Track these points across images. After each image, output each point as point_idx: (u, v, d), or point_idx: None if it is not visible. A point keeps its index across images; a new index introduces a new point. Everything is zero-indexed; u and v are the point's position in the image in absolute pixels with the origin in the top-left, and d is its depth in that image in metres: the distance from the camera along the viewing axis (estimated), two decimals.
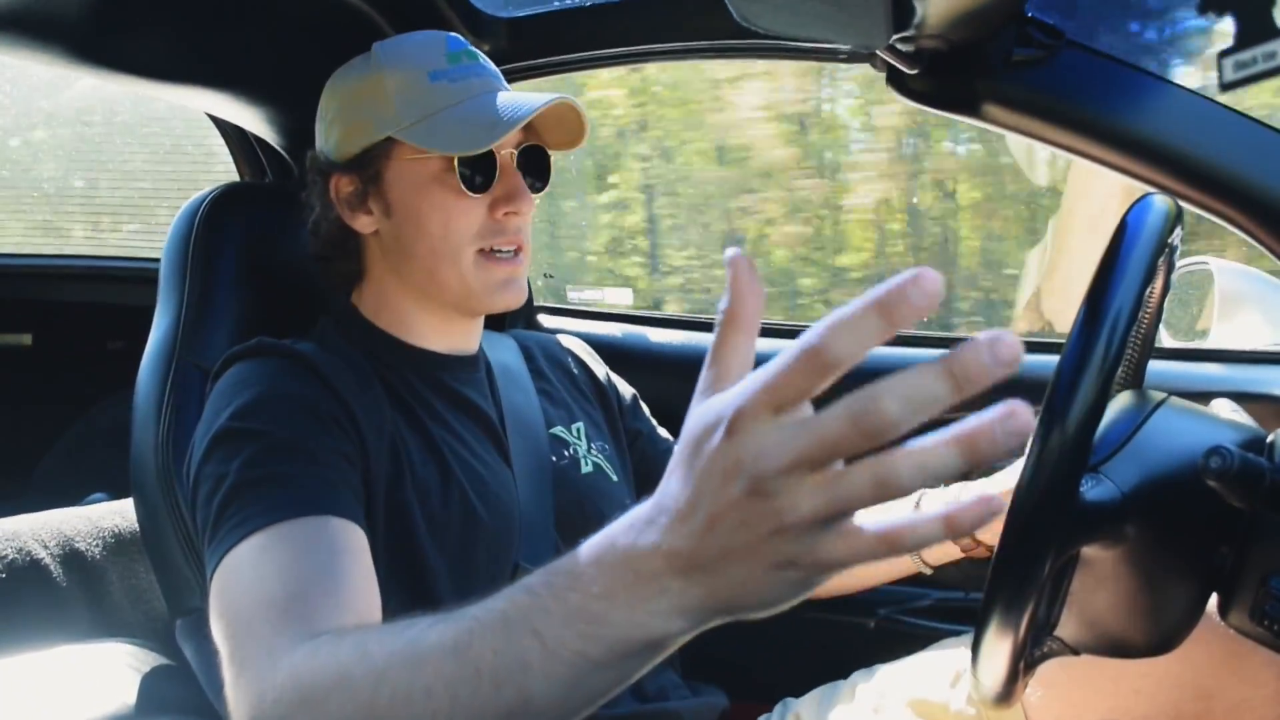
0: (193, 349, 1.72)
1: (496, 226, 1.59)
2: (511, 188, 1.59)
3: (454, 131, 1.56)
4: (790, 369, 0.74)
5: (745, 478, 0.74)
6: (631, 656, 0.85)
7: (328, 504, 1.34)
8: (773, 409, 0.74)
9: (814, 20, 1.41)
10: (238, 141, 2.42)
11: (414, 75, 1.60)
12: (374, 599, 1.30)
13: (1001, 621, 1.10)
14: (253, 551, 1.28)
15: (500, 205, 1.59)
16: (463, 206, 1.58)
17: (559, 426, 1.78)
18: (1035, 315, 3.80)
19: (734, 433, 0.75)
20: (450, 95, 1.58)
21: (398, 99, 1.59)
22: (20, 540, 2.13)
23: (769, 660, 1.96)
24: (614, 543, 0.84)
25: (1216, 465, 1.09)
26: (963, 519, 0.72)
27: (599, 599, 0.83)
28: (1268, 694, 1.42)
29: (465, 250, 1.59)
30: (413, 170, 1.60)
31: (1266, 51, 0.93)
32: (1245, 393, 1.78)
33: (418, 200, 1.60)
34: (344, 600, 1.24)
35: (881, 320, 0.69)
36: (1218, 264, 2.25)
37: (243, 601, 1.23)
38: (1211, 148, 1.41)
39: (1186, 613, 1.19)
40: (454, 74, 1.60)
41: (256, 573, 1.26)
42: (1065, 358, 1.10)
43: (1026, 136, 1.53)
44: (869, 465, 0.72)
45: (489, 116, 1.55)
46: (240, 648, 1.18)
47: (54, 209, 4.71)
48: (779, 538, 0.75)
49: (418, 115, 1.58)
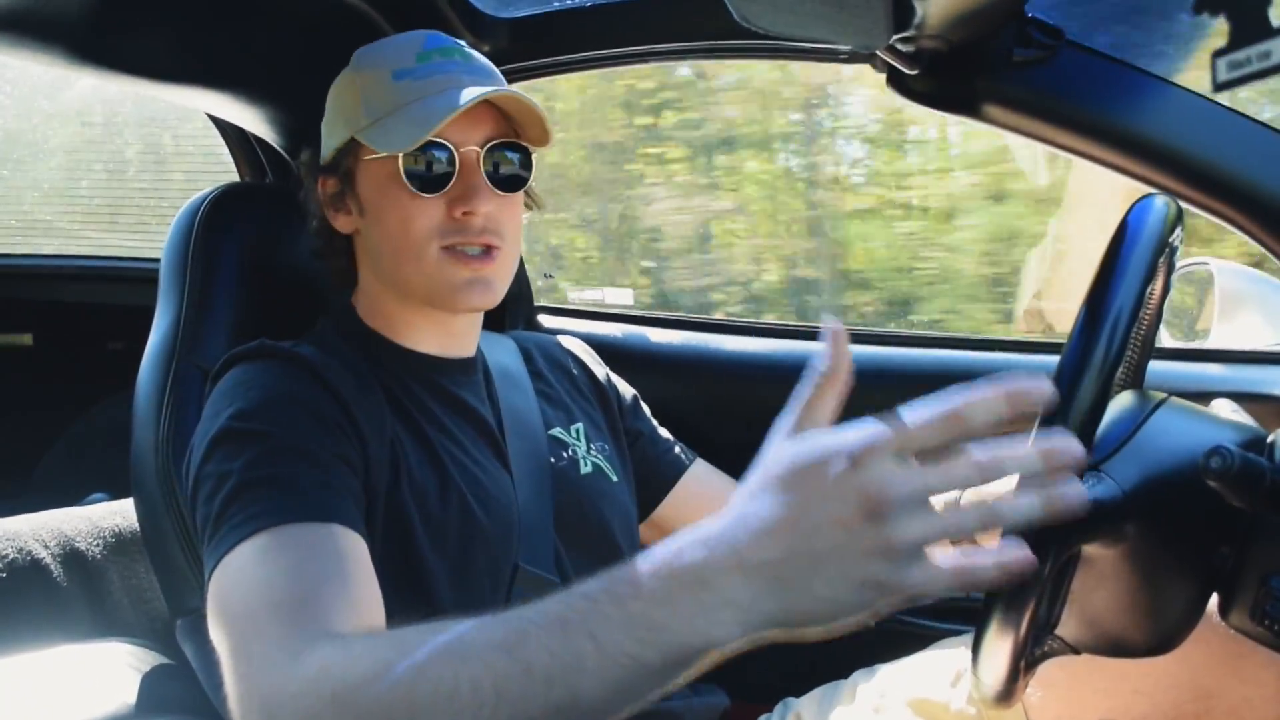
0: (193, 349, 1.72)
1: (456, 226, 1.57)
2: (468, 187, 1.56)
3: (400, 129, 1.55)
4: (928, 423, 0.88)
5: (866, 502, 0.86)
6: (684, 663, 0.92)
7: (331, 511, 1.34)
8: (897, 450, 0.87)
9: (814, 20, 1.41)
10: (238, 142, 2.42)
11: (380, 75, 1.60)
12: (379, 606, 1.30)
13: (1002, 621, 1.10)
14: (257, 551, 1.28)
15: (458, 204, 1.56)
16: (419, 205, 1.56)
17: (558, 428, 1.77)
18: (1036, 316, 3.80)
19: (861, 464, 0.87)
20: (410, 93, 1.57)
21: (363, 100, 1.60)
22: (21, 540, 2.13)
23: (770, 660, 1.95)
24: (681, 554, 0.92)
25: (1217, 465, 1.09)
26: (1014, 569, 0.89)
27: (661, 606, 0.90)
28: (1268, 694, 1.42)
29: (427, 248, 1.57)
30: (375, 170, 1.60)
31: (1261, 51, 0.93)
32: (1245, 393, 1.78)
33: (380, 199, 1.60)
34: (352, 604, 1.25)
35: (1008, 407, 0.87)
36: (1218, 264, 2.25)
37: (249, 600, 1.23)
38: (1212, 148, 1.41)
39: (1187, 612, 1.19)
40: (419, 72, 1.59)
41: (263, 572, 1.26)
42: (1066, 357, 1.10)
43: (1027, 136, 1.53)
44: (978, 505, 0.88)
45: (437, 113, 1.53)
46: (248, 644, 1.18)
47: (54, 209, 4.70)
48: (877, 559, 0.86)
49: (377, 115, 1.58)
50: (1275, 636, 1.12)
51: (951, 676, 1.63)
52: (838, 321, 0.96)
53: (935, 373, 2.07)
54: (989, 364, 2.04)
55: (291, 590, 1.23)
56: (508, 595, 1.55)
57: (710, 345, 2.29)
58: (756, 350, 2.24)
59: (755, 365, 2.23)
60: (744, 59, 4.04)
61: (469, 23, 2.07)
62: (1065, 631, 1.24)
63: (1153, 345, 1.42)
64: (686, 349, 2.31)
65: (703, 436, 2.02)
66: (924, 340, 2.18)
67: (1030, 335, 3.45)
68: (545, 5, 2.11)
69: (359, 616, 1.24)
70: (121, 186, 4.75)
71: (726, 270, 4.70)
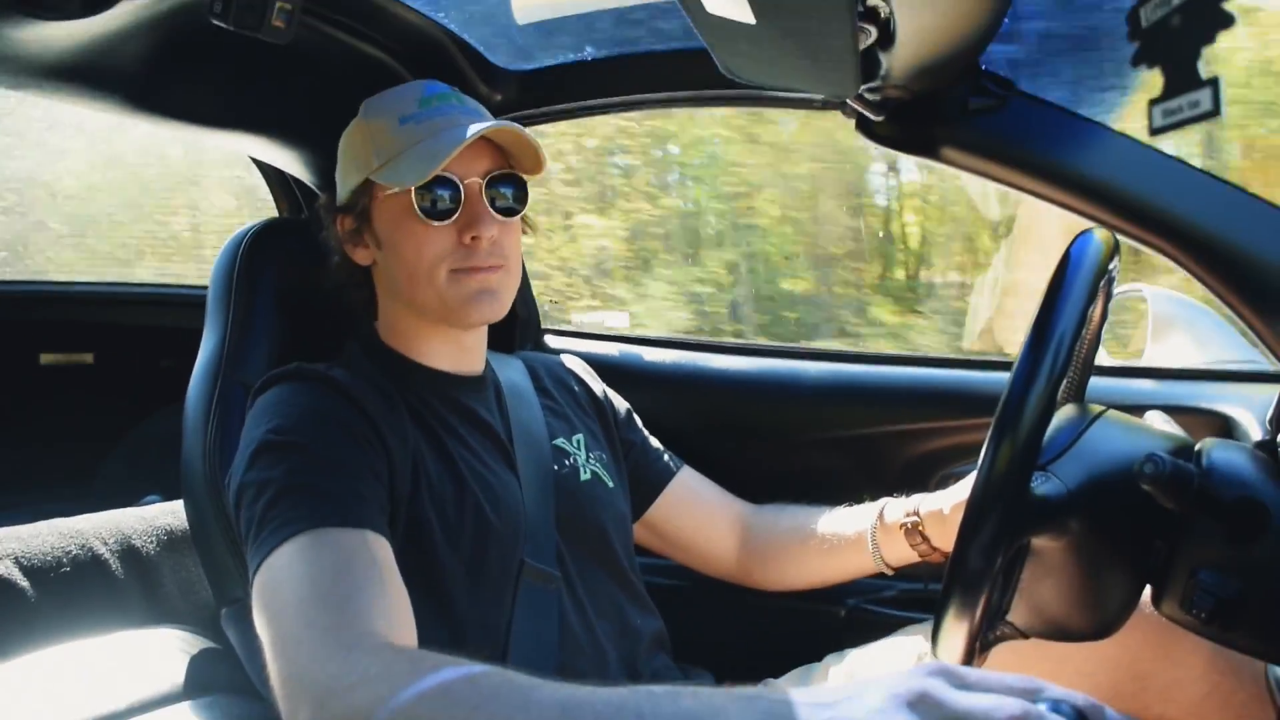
0: (236, 367, 1.72)
1: (465, 251, 1.58)
2: (474, 214, 1.58)
3: (410, 167, 1.56)
4: None
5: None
6: None
7: (363, 518, 1.36)
8: None
9: (791, 72, 1.41)
10: (277, 181, 2.43)
11: (386, 122, 1.62)
12: (409, 603, 1.32)
13: (959, 608, 1.11)
14: (298, 551, 1.29)
15: (465, 231, 1.58)
16: (430, 234, 1.58)
17: (561, 438, 1.78)
18: (989, 339, 3.82)
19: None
20: (415, 135, 1.59)
21: (372, 144, 1.62)
22: (83, 538, 2.14)
23: (751, 645, 1.96)
24: (761, 693, 0.94)
25: (1151, 471, 1.09)
26: None
27: (713, 711, 0.92)
28: (1195, 674, 1.43)
29: (438, 271, 1.58)
30: (389, 205, 1.61)
31: (1191, 100, 0.94)
32: (1176, 405, 1.78)
33: (395, 232, 1.61)
34: (389, 603, 1.27)
35: None
36: (1151, 290, 2.25)
37: (298, 592, 1.25)
38: (1146, 187, 1.41)
39: (1124, 602, 1.19)
40: (420, 116, 1.61)
41: (306, 570, 1.27)
42: (1015, 374, 1.10)
43: (981, 176, 1.53)
44: None
45: (443, 149, 1.54)
46: (297, 634, 1.20)
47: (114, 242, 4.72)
48: None
49: (386, 157, 1.60)
50: (1202, 624, 1.13)
51: (914, 658, 1.63)
52: None
53: (896, 388, 2.07)
54: (946, 380, 2.04)
55: (335, 588, 1.25)
56: (515, 587, 1.56)
57: (698, 363, 2.29)
58: (740, 368, 2.24)
59: (739, 382, 2.23)
60: (727, 106, 4.04)
61: (483, 75, 2.08)
62: (1015, 618, 1.25)
63: (1093, 363, 1.42)
64: (677, 367, 2.31)
65: (690, 446, 2.02)
66: (887, 359, 2.18)
67: (984, 354, 3.45)
68: (550, 60, 2.11)
69: (396, 611, 1.27)
70: (169, 222, 4.79)
71: None
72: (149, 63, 1.67)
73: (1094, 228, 1.23)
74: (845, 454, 2.09)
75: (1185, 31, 0.93)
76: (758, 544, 1.90)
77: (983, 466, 1.11)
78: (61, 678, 1.71)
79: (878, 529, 1.73)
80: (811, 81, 1.49)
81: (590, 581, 1.67)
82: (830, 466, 2.11)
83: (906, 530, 1.69)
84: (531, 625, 1.55)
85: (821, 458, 2.12)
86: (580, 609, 1.62)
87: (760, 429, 2.18)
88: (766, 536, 1.89)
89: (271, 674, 1.20)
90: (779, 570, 1.88)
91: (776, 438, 2.17)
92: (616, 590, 1.70)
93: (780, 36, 1.18)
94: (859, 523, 1.77)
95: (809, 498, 1.91)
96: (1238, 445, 1.21)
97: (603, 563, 1.70)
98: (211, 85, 1.87)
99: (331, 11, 1.80)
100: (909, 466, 1.89)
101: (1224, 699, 1.42)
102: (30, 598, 1.99)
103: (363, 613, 1.22)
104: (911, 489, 1.78)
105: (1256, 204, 1.39)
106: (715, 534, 1.92)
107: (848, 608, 2.02)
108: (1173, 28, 0.94)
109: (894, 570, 1.75)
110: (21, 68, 1.55)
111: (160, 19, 1.56)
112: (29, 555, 2.04)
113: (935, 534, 1.67)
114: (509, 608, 1.54)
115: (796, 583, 1.88)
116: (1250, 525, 1.11)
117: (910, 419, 2.03)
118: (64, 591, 2.04)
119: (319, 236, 1.74)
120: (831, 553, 1.80)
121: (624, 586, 1.72)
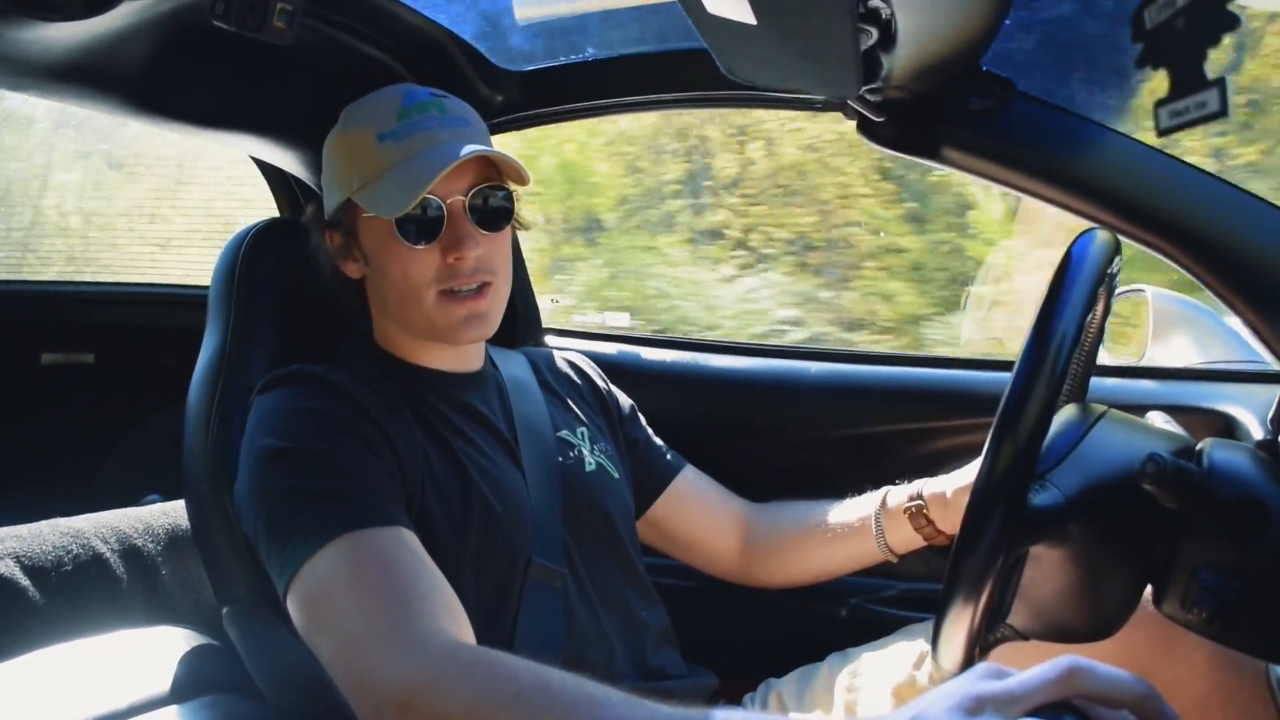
0: (237, 367, 1.72)
1: (450, 270, 1.57)
2: (457, 235, 1.57)
3: (388, 195, 1.55)
4: None
5: None
6: None
7: (391, 516, 1.38)
8: None
9: (792, 74, 1.41)
10: (277, 181, 2.43)
11: (364, 138, 1.60)
12: (455, 595, 1.34)
13: (958, 611, 1.11)
14: (338, 555, 1.31)
15: (449, 251, 1.57)
16: (416, 256, 1.57)
17: (565, 430, 1.78)
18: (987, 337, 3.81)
19: None
20: (393, 155, 1.57)
21: (352, 163, 1.61)
22: (84, 537, 2.13)
23: (754, 644, 1.96)
24: None
25: (1152, 470, 1.09)
26: None
27: None
28: (1198, 672, 1.43)
29: (426, 293, 1.58)
30: (373, 226, 1.60)
31: (1197, 101, 0.93)
32: (1177, 406, 1.78)
33: (380, 252, 1.61)
34: (444, 597, 1.31)
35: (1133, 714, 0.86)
36: (1153, 291, 2.25)
37: (354, 597, 1.28)
38: (1147, 188, 1.41)
39: (1124, 602, 1.19)
40: (399, 132, 1.58)
41: (353, 571, 1.30)
42: (1016, 376, 1.11)
43: (982, 178, 1.53)
44: None
45: (420, 178, 1.52)
46: (365, 636, 1.23)
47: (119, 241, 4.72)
48: None
49: (365, 179, 1.58)
50: (1204, 622, 1.13)
51: (915, 659, 1.63)
52: None
53: (897, 388, 2.07)
54: (946, 380, 2.04)
55: (387, 586, 1.27)
56: (521, 583, 1.56)
57: (697, 362, 2.29)
58: (739, 367, 2.24)
59: (739, 381, 2.23)
60: (729, 107, 4.05)
61: (484, 76, 2.08)
62: (1015, 620, 1.25)
63: (1094, 363, 1.43)
64: (676, 366, 2.31)
65: (691, 445, 2.02)
66: (888, 358, 2.17)
67: (985, 355, 3.45)
68: (551, 60, 2.12)
69: (452, 609, 1.30)
70: (174, 221, 4.78)
71: None
72: (150, 63, 1.67)
73: (1095, 228, 1.23)
74: (846, 453, 2.09)
75: (1190, 33, 0.93)
76: (759, 540, 1.90)
77: (982, 471, 1.11)
78: (63, 677, 1.70)
79: (881, 514, 1.74)
80: (813, 82, 1.49)
81: (597, 574, 1.67)
82: (831, 466, 2.11)
83: (910, 514, 1.69)
84: (538, 620, 1.55)
85: (822, 457, 2.11)
86: (587, 601, 1.63)
87: (761, 428, 2.18)
88: (768, 532, 1.89)
89: (338, 676, 1.23)
90: (782, 564, 1.88)
91: (777, 437, 2.17)
92: (623, 583, 1.71)
93: (781, 37, 1.18)
94: (862, 510, 1.78)
95: (809, 497, 1.91)
96: (1239, 445, 1.21)
97: (610, 554, 1.71)
98: (213, 86, 1.87)
99: (333, 12, 1.79)
100: (909, 466, 1.88)
101: (1226, 697, 1.42)
102: (31, 597, 1.99)
103: (423, 610, 1.25)
104: None
105: (1256, 204, 1.39)
106: (717, 531, 1.93)
107: (849, 607, 2.02)
108: (1177, 29, 0.94)
109: (898, 557, 1.76)
110: (23, 68, 1.55)
111: (162, 20, 1.56)
112: (30, 555, 2.03)
113: (939, 516, 1.68)
114: (515, 602, 1.55)
115: (800, 576, 1.88)
116: (1251, 525, 1.11)
117: (911, 419, 2.03)
118: (65, 591, 2.04)
119: (309, 249, 1.74)
120: (834, 542, 1.80)
121: (630, 579, 1.73)
